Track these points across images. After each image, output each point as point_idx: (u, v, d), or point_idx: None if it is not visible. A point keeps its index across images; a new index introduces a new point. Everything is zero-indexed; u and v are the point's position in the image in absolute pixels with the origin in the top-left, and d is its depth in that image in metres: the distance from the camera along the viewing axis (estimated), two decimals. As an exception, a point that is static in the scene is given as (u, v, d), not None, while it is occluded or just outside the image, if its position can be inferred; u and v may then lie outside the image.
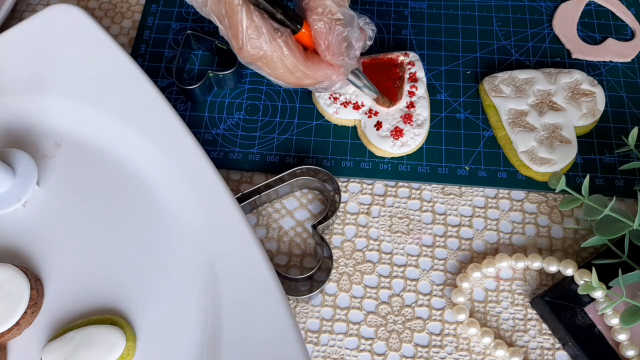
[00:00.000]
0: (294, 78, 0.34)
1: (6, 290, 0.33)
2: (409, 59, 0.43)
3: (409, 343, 0.37)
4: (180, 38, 0.48)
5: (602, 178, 0.42)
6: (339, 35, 0.33)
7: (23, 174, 0.37)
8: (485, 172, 0.42)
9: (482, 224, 0.41)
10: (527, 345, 0.37)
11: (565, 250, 0.40)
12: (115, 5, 0.50)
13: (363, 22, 0.37)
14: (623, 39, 0.47)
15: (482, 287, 0.39)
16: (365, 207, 0.41)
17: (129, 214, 0.37)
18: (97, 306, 0.34)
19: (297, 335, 0.32)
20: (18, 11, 0.50)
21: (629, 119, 0.44)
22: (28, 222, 0.37)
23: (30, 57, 0.40)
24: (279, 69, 0.33)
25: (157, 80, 0.46)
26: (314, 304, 0.38)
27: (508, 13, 0.48)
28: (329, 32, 0.32)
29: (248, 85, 0.45)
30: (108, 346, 0.32)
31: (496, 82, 0.43)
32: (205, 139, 0.43)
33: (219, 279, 0.34)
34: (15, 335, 0.33)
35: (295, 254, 0.40)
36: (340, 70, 0.35)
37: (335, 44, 0.33)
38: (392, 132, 0.41)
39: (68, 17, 0.41)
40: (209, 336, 0.33)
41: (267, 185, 0.40)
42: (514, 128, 0.42)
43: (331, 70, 0.34)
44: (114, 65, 0.40)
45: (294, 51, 0.33)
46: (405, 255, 0.40)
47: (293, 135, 0.43)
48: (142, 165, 0.38)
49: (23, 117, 0.40)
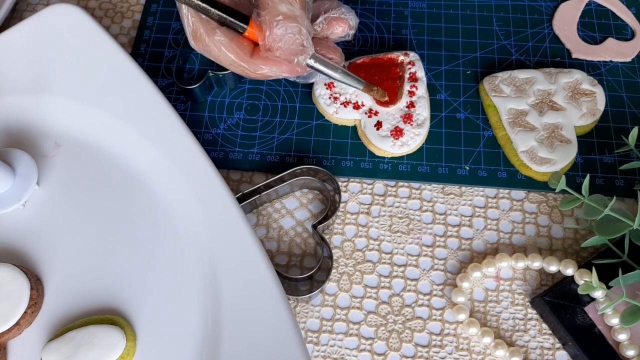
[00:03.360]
0: (240, 71, 0.35)
1: (6, 290, 0.33)
2: (409, 58, 0.43)
3: (409, 343, 0.37)
4: (180, 38, 0.48)
5: (602, 178, 0.42)
6: (278, 30, 0.33)
7: (23, 174, 0.37)
8: (485, 171, 0.42)
9: (482, 224, 0.41)
10: (527, 345, 0.37)
11: (565, 250, 0.40)
12: (115, 5, 0.50)
13: (339, 13, 0.37)
14: (623, 39, 0.47)
15: (482, 287, 0.39)
16: (366, 207, 0.41)
17: (129, 214, 0.37)
18: (97, 306, 0.34)
19: (297, 335, 0.32)
20: (18, 11, 0.50)
21: (629, 118, 0.44)
22: (28, 222, 0.37)
23: (30, 57, 0.40)
24: (223, 62, 0.35)
25: (157, 80, 0.46)
26: (314, 304, 0.38)
27: (508, 13, 0.48)
28: (269, 28, 0.33)
29: (248, 85, 0.45)
30: (108, 346, 0.32)
31: (496, 82, 0.43)
32: (205, 139, 0.43)
33: (219, 278, 0.34)
34: (15, 335, 0.33)
35: (295, 253, 0.40)
36: (284, 67, 0.35)
37: (275, 40, 0.33)
38: (392, 131, 0.41)
39: (68, 17, 0.41)
40: (209, 336, 0.33)
41: (267, 185, 0.40)
42: (514, 128, 0.42)
43: (274, 66, 0.35)
44: (114, 65, 0.40)
45: (231, 48, 0.34)
46: (406, 255, 0.40)
47: (293, 135, 0.43)
48: (142, 165, 0.38)
49: (23, 117, 0.40)
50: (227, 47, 0.34)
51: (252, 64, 0.35)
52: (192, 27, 0.34)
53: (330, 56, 0.37)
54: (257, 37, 0.34)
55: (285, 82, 0.45)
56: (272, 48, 0.33)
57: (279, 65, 0.35)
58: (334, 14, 0.37)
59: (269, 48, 0.33)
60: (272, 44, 0.33)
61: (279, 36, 0.33)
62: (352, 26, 0.37)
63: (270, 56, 0.34)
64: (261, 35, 0.33)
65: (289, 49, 0.33)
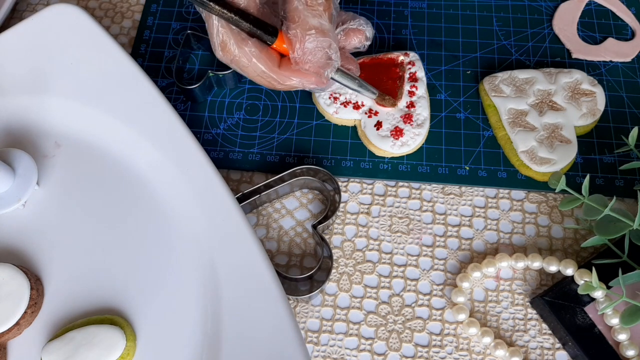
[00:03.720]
0: (266, 82, 0.35)
1: (6, 290, 0.33)
2: (409, 58, 0.43)
3: (409, 343, 0.37)
4: (180, 38, 0.48)
5: (602, 178, 0.42)
6: (309, 44, 0.33)
7: (23, 174, 0.37)
8: (485, 171, 0.42)
9: (482, 224, 0.41)
10: (527, 345, 0.37)
11: (565, 250, 0.40)
12: (115, 5, 0.50)
13: (357, 24, 0.37)
14: (623, 39, 0.47)
15: (482, 287, 0.39)
16: (365, 207, 0.41)
17: (129, 214, 0.37)
18: (97, 306, 0.34)
19: (297, 335, 0.32)
20: (18, 11, 0.50)
21: (629, 118, 0.44)
22: (28, 222, 0.37)
23: (30, 57, 0.40)
24: (250, 73, 0.35)
25: (157, 80, 0.46)
26: (314, 304, 0.38)
27: (508, 13, 0.48)
28: (299, 42, 0.33)
29: (248, 85, 0.45)
30: (108, 346, 0.32)
31: (496, 81, 0.43)
32: (205, 139, 0.43)
33: (219, 278, 0.34)
34: (15, 335, 0.33)
35: (295, 253, 0.40)
36: (312, 79, 0.35)
37: (305, 54, 0.33)
38: (392, 131, 0.41)
39: (68, 17, 0.41)
40: (209, 336, 0.33)
41: (267, 185, 0.40)
42: (514, 128, 0.42)
43: (304, 78, 0.35)
44: (114, 65, 0.40)
45: (261, 59, 0.34)
46: (405, 255, 0.40)
47: (293, 135, 0.43)
48: (142, 165, 0.38)
49: (23, 117, 0.40)
50: (257, 58, 0.34)
51: (280, 75, 0.35)
52: (221, 38, 0.34)
53: (349, 67, 0.38)
54: (288, 49, 0.34)
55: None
56: (302, 61, 0.34)
57: (308, 77, 0.35)
58: (352, 25, 0.37)
59: (299, 61, 0.34)
60: (302, 57, 0.33)
61: (310, 50, 0.33)
62: (369, 37, 0.38)
63: (300, 69, 0.34)
64: (291, 48, 0.34)
65: (318, 62, 0.34)
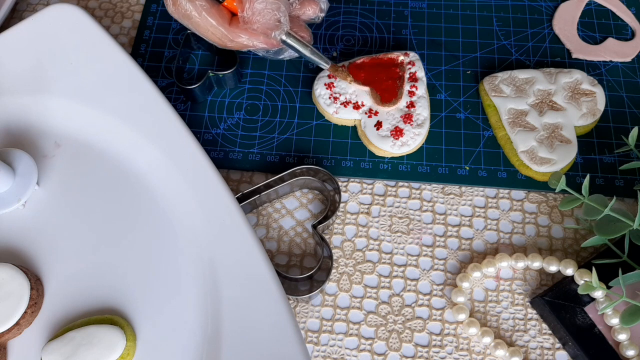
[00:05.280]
0: (216, 39, 0.37)
1: (6, 290, 0.33)
2: (409, 58, 0.43)
3: (409, 343, 0.37)
4: (180, 38, 0.48)
5: (602, 178, 0.42)
6: (258, 5, 0.35)
7: (23, 174, 0.37)
8: (485, 171, 0.42)
9: (482, 224, 0.41)
10: (527, 345, 0.37)
11: (565, 250, 0.40)
12: (115, 5, 0.50)
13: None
14: (623, 39, 0.47)
15: (482, 286, 0.39)
16: (365, 206, 0.41)
17: (129, 214, 0.37)
18: (97, 306, 0.34)
19: (297, 335, 0.32)
20: (18, 11, 0.50)
21: (629, 118, 0.44)
22: (28, 222, 0.37)
23: (30, 57, 0.40)
24: (201, 29, 0.37)
25: (157, 80, 0.46)
26: (314, 304, 0.38)
27: (508, 13, 0.48)
28: (249, 2, 0.35)
29: (248, 85, 0.45)
30: (108, 346, 0.32)
31: (496, 81, 0.43)
32: (205, 138, 0.43)
33: (219, 278, 0.34)
34: (15, 335, 0.33)
35: (295, 253, 0.40)
36: (260, 38, 0.37)
37: (254, 14, 0.35)
38: (392, 131, 0.41)
39: (68, 17, 0.41)
40: (209, 336, 0.33)
41: (267, 185, 0.40)
42: (514, 128, 0.42)
43: (252, 36, 0.37)
44: (114, 65, 0.40)
45: (212, 13, 0.36)
46: (405, 255, 0.40)
47: (293, 135, 0.43)
48: (142, 165, 0.38)
49: (23, 117, 0.40)
50: (207, 12, 0.36)
51: (230, 31, 0.37)
52: None
53: (301, 34, 0.39)
54: (237, 8, 0.36)
55: (285, 83, 0.45)
56: (251, 21, 0.36)
57: (256, 36, 0.37)
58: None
59: (248, 20, 0.36)
60: (251, 16, 0.35)
61: (259, 10, 0.35)
62: (323, 9, 0.40)
63: (248, 28, 0.36)
64: (241, 7, 0.36)
65: (266, 23, 0.36)
